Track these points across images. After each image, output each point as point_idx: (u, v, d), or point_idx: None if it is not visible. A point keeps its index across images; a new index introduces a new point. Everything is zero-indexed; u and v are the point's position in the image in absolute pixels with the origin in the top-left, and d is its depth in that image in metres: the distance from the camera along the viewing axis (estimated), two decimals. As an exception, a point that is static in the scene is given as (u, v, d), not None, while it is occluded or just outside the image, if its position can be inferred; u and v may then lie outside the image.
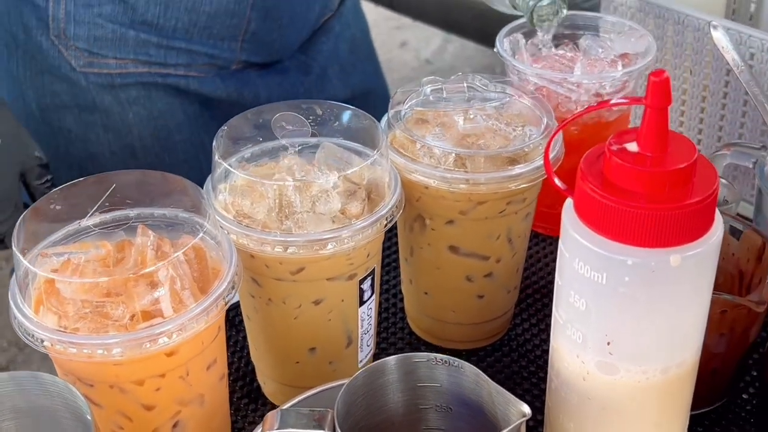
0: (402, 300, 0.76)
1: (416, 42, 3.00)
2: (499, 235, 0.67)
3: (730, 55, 0.71)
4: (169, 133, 0.94)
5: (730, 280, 0.66)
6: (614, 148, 0.49)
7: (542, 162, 0.64)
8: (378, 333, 0.74)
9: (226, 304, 0.56)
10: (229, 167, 0.62)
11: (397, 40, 3.02)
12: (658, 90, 0.47)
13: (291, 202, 0.60)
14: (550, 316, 0.64)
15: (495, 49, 0.78)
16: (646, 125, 0.48)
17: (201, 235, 0.57)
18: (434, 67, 2.90)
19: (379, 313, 0.76)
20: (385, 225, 0.61)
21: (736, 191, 0.72)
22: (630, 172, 0.48)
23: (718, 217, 0.50)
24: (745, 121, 0.81)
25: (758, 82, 0.70)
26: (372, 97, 1.12)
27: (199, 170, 0.95)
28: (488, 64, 2.66)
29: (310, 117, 0.65)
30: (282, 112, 0.63)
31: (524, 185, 0.64)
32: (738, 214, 0.77)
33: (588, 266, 0.50)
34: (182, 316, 0.53)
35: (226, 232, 0.59)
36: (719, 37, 0.72)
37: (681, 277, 0.49)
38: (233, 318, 0.75)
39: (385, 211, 0.61)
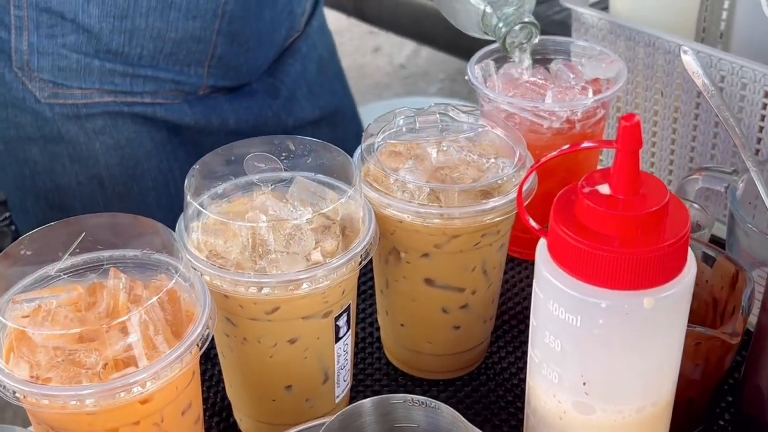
0: (378, 329, 0.76)
1: (390, 47, 3.00)
2: (474, 267, 0.67)
3: (701, 80, 0.71)
4: (137, 162, 0.93)
5: (705, 307, 0.66)
6: (586, 190, 0.49)
7: (516, 195, 0.63)
8: (355, 365, 0.74)
9: (200, 349, 0.56)
10: (200, 207, 0.62)
11: (371, 45, 3.02)
12: (629, 134, 0.47)
13: (264, 241, 0.60)
14: (526, 343, 0.64)
15: (466, 77, 0.77)
16: (617, 168, 0.48)
17: (175, 279, 0.57)
18: (408, 72, 2.90)
19: (356, 344, 0.76)
20: (360, 262, 0.61)
21: (709, 216, 0.72)
22: (602, 215, 0.48)
23: (691, 257, 0.50)
24: (717, 142, 0.82)
25: (729, 106, 0.71)
26: (340, 115, 1.12)
27: (168, 197, 0.94)
28: (462, 69, 2.66)
29: (283, 153, 0.64)
30: (254, 152, 0.63)
31: (498, 218, 0.64)
32: (712, 236, 0.77)
33: (563, 308, 0.50)
34: (156, 364, 0.53)
35: (199, 273, 0.59)
36: (689, 61, 0.72)
37: (654, 318, 0.49)
38: (208, 351, 0.74)
39: (359, 249, 0.61)
